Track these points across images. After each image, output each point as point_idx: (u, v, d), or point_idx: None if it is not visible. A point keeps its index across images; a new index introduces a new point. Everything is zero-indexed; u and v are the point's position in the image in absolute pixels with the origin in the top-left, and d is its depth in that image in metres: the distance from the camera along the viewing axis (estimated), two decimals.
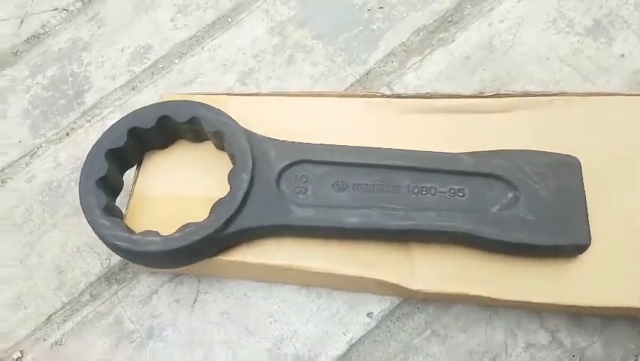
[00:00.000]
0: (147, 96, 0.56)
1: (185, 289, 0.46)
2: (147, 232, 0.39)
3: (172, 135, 0.45)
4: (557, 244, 0.38)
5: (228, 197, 0.40)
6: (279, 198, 0.41)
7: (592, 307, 0.39)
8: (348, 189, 0.41)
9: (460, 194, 0.41)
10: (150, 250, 0.37)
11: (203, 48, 0.59)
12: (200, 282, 0.46)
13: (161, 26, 0.61)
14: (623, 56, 0.53)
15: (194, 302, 0.45)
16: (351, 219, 0.40)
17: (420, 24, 0.58)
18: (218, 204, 0.40)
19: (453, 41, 0.56)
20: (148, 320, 0.45)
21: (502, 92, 0.47)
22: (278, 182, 0.42)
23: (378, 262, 0.41)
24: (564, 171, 0.41)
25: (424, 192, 0.41)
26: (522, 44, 0.55)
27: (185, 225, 0.39)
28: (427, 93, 0.48)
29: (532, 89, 0.51)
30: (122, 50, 0.60)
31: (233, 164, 0.42)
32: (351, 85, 0.56)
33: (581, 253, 0.39)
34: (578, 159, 0.41)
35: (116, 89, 0.58)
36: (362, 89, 0.55)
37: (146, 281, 0.46)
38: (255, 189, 0.41)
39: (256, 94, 0.50)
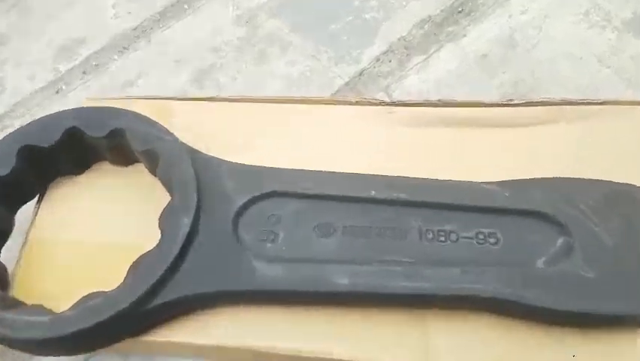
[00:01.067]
0: (73, 102, 0.44)
1: None
2: (31, 309, 0.26)
3: (87, 156, 0.33)
4: (631, 312, 0.27)
5: (157, 250, 0.28)
6: (236, 251, 0.29)
7: None
8: (336, 235, 0.30)
9: (492, 240, 0.30)
10: (29, 338, 0.25)
11: (150, 41, 0.47)
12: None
13: (98, 15, 0.49)
14: None
15: None
16: (341, 280, 0.28)
17: (424, 14, 0.47)
18: (139, 262, 0.28)
19: (465, 36, 0.46)
20: None
21: (535, 99, 0.36)
22: (235, 226, 0.30)
23: (379, 340, 0.29)
24: (629, 207, 0.30)
25: (442, 239, 0.30)
26: (549, 40, 0.45)
27: (88, 295, 0.26)
28: (438, 100, 0.37)
29: (565, 95, 0.40)
30: (48, 44, 0.47)
31: (171, 198, 0.30)
32: (339, 90, 0.45)
33: None
34: None
35: (34, 92, 0.45)
36: (353, 95, 0.44)
37: None
38: (201, 237, 0.29)
39: (212, 99, 0.39)
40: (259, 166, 0.32)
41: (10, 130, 0.42)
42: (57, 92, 0.45)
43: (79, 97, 0.44)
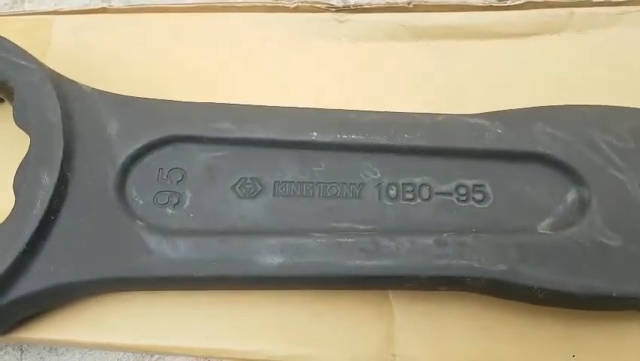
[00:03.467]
0: None
1: None
2: None
3: None
4: None
5: (9, 224, 0.19)
6: (121, 222, 0.21)
7: None
8: (266, 194, 0.22)
9: (478, 196, 0.22)
10: None
11: None
12: (22, 353, 0.26)
13: None
14: None
15: None
16: (271, 259, 0.20)
17: None
18: None
19: None
20: None
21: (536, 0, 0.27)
22: (121, 186, 0.21)
23: (329, 333, 0.22)
24: None
25: (410, 197, 0.22)
26: None
27: None
28: (409, 3, 0.27)
29: None
30: None
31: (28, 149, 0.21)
32: None
33: None
34: None
35: None
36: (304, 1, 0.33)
37: None
38: (70, 205, 0.20)
39: (104, 10, 0.29)
40: (155, 99, 0.23)
41: None
42: None
43: None
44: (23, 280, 0.20)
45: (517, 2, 0.27)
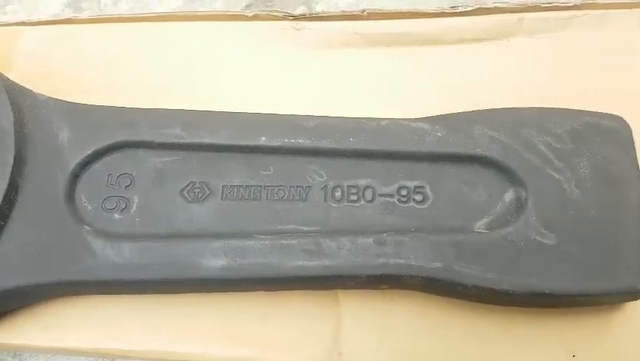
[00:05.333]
0: None
1: None
2: None
3: None
4: (599, 290, 0.20)
5: None
6: (70, 227, 0.21)
7: None
8: (213, 199, 0.22)
9: (419, 197, 0.22)
10: None
11: None
12: None
13: None
14: None
15: None
16: (215, 262, 0.21)
17: None
18: None
19: None
20: None
21: (487, 6, 0.28)
22: (71, 191, 0.22)
23: (276, 332, 0.22)
24: (603, 146, 0.23)
25: (354, 198, 0.22)
26: None
27: None
28: (362, 11, 0.28)
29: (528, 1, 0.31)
30: None
31: None
32: (249, 5, 0.35)
33: (635, 299, 0.21)
34: (625, 122, 0.23)
35: None
36: (265, 9, 0.34)
37: None
38: (20, 210, 0.21)
39: (70, 21, 0.30)
40: (105, 107, 0.24)
41: None
42: None
43: None
44: None
45: (468, 9, 0.28)
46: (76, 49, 0.29)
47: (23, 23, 0.30)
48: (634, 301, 0.22)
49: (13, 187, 0.21)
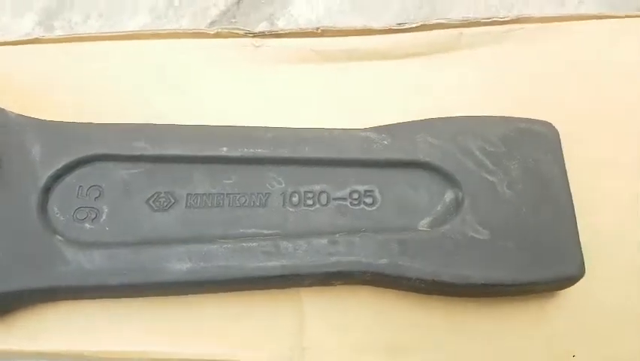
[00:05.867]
0: None
1: None
2: None
3: None
4: (531, 280, 0.23)
5: None
6: (42, 237, 0.23)
7: None
8: (178, 206, 0.24)
9: (368, 200, 0.24)
10: None
11: None
12: None
13: None
14: None
15: None
16: (179, 265, 0.22)
17: None
18: None
19: None
20: None
21: (430, 22, 0.30)
22: (43, 204, 0.23)
23: (241, 329, 0.24)
24: (533, 149, 0.25)
25: (310, 203, 0.24)
26: None
27: None
28: (317, 29, 0.30)
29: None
30: None
31: None
32: (214, 21, 0.37)
33: (570, 285, 0.24)
34: (553, 127, 0.26)
35: None
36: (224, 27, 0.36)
37: None
38: None
39: (37, 40, 0.31)
40: (75, 123, 0.25)
41: None
42: None
43: None
44: None
45: (412, 25, 0.30)
46: (45, 68, 0.30)
47: None
48: (567, 289, 0.25)
49: None
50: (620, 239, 0.25)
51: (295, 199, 0.24)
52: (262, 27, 0.37)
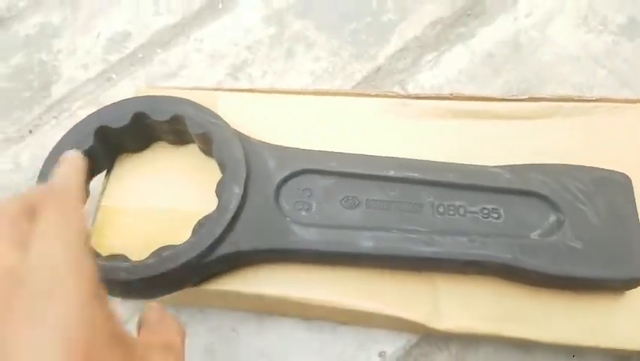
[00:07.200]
0: (124, 89, 0.49)
1: None
2: (114, 257, 0.32)
3: (149, 136, 0.38)
4: (609, 277, 0.32)
5: (216, 214, 0.33)
6: (277, 216, 0.34)
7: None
8: (361, 207, 0.35)
9: (495, 215, 0.34)
10: (115, 279, 0.30)
11: (189, 37, 0.52)
12: (179, 313, 0.39)
13: (142, 11, 0.54)
14: None
15: None
16: (365, 243, 0.33)
17: (436, 16, 0.52)
18: (202, 223, 0.33)
19: (473, 37, 0.50)
20: None
21: (536, 95, 0.41)
22: (277, 196, 0.35)
23: (396, 295, 0.34)
24: (613, 191, 0.35)
25: (452, 213, 0.34)
26: (551, 43, 0.49)
27: (162, 248, 0.32)
28: (450, 94, 0.41)
29: (565, 93, 0.45)
30: (98, 37, 0.52)
31: (222, 173, 0.35)
32: (359, 83, 0.50)
33: (633, 287, 0.33)
34: (628, 177, 0.35)
35: (88, 80, 0.50)
36: (371, 88, 0.48)
37: None
38: (249, 204, 0.34)
39: (251, 90, 0.43)
40: (294, 148, 0.37)
41: (68, 114, 0.47)
42: (108, 80, 0.50)
43: (128, 85, 0.48)
44: (221, 246, 0.32)
45: (523, 97, 0.41)
46: (254, 109, 0.41)
47: (218, 89, 0.43)
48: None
49: (245, 191, 0.34)
50: None
51: (441, 210, 0.34)
52: (396, 90, 0.49)
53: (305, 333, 0.37)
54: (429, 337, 0.37)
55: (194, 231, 0.33)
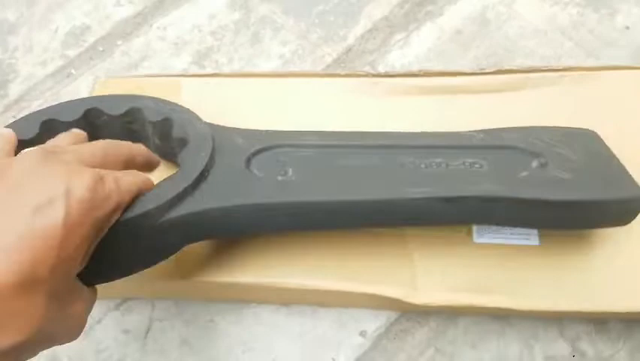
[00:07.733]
0: (84, 84, 0.47)
1: (136, 317, 0.37)
2: None
3: (101, 134, 0.34)
4: (609, 198, 0.31)
5: (179, 173, 0.30)
6: (250, 179, 0.32)
7: (617, 313, 0.34)
8: (340, 172, 0.32)
9: (477, 166, 0.33)
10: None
11: (151, 26, 0.51)
12: (153, 307, 0.38)
13: (101, 3, 0.52)
14: (627, 28, 0.48)
15: (148, 332, 0.37)
16: (345, 195, 0.31)
17: None
18: (163, 181, 0.29)
19: (441, 15, 0.50)
20: (91, 356, 0.36)
21: (503, 68, 0.41)
22: (248, 164, 0.33)
23: (373, 273, 0.34)
24: (584, 139, 0.35)
25: (435, 167, 0.33)
26: (518, 17, 0.49)
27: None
28: (419, 71, 0.41)
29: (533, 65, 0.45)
30: (55, 32, 0.51)
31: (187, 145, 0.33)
32: (329, 65, 0.49)
33: (633, 217, 0.32)
34: (594, 131, 0.36)
35: (46, 76, 0.49)
36: (342, 69, 0.48)
37: None
38: (217, 168, 0.31)
39: (217, 74, 0.42)
40: (266, 130, 0.35)
41: (27, 112, 0.46)
42: (67, 76, 0.48)
43: (88, 80, 0.47)
44: (184, 204, 0.28)
45: (491, 70, 0.41)
46: (220, 94, 0.41)
47: (181, 75, 0.42)
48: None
49: (212, 158, 0.31)
50: None
51: (423, 166, 0.32)
52: (366, 70, 0.48)
53: (285, 318, 0.37)
54: (408, 313, 0.37)
55: (157, 185, 0.29)
